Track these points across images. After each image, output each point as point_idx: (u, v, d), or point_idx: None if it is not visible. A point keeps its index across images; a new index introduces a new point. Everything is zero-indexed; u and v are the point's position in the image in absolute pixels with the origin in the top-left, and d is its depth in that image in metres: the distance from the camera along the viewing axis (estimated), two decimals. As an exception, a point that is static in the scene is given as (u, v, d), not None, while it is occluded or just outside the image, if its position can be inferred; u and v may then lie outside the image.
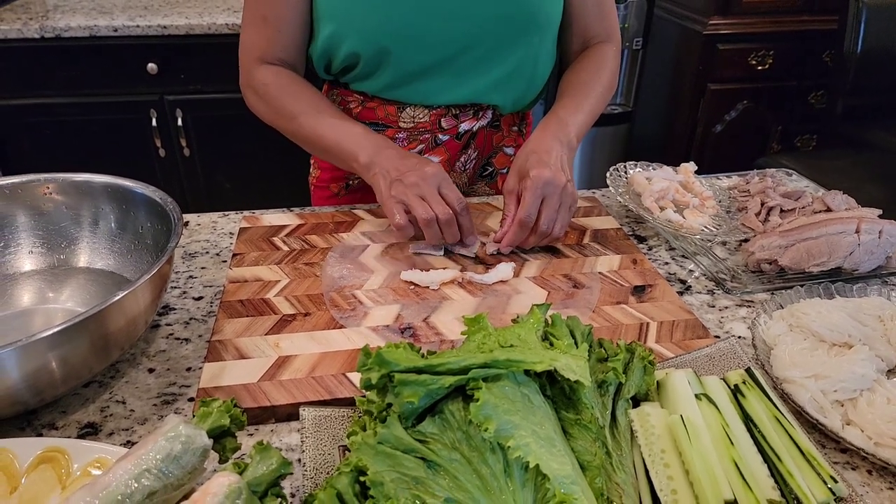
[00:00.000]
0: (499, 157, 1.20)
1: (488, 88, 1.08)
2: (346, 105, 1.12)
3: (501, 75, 1.07)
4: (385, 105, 1.09)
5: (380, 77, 1.05)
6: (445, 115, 1.10)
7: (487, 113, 1.13)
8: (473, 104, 1.10)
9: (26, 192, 0.85)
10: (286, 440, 0.66)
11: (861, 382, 0.67)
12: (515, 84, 1.10)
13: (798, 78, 2.60)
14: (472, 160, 1.17)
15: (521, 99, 1.13)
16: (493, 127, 1.16)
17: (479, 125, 1.13)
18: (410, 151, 1.02)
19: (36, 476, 0.57)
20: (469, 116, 1.11)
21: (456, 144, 1.13)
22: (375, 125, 1.10)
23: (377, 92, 1.08)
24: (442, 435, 0.51)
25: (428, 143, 1.12)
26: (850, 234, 0.90)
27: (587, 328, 0.65)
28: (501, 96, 1.10)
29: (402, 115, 1.09)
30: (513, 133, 1.20)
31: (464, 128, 1.12)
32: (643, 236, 1.04)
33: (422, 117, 1.09)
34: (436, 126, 1.11)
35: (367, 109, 1.10)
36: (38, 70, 2.12)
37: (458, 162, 1.16)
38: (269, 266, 0.91)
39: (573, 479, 0.49)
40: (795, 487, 0.55)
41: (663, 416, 0.60)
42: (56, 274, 0.86)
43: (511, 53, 1.05)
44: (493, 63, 1.05)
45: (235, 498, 0.47)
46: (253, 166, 2.38)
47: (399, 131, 1.11)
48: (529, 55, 1.07)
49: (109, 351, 0.68)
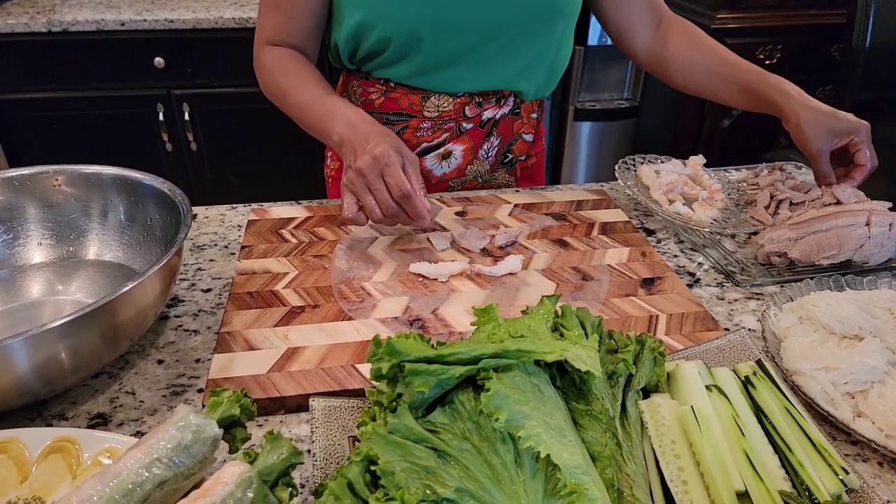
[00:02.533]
0: (518, 144, 1.20)
1: (512, 76, 1.08)
2: (368, 96, 1.11)
3: (525, 63, 1.08)
4: (409, 94, 1.09)
5: (408, 64, 1.05)
6: (469, 102, 1.10)
7: (509, 100, 1.13)
8: (496, 91, 1.11)
9: (35, 184, 0.85)
10: (296, 431, 0.66)
11: (872, 374, 0.67)
12: (538, 71, 1.11)
13: (806, 72, 2.58)
14: (494, 148, 1.17)
15: (543, 86, 1.14)
16: (514, 114, 1.16)
17: (502, 112, 1.13)
18: (393, 131, 1.02)
19: (46, 466, 0.57)
20: (492, 104, 1.12)
21: (479, 132, 1.13)
22: (399, 115, 1.11)
23: (402, 79, 1.08)
24: (452, 425, 0.50)
25: (452, 131, 1.12)
26: (861, 227, 0.90)
27: (597, 319, 0.64)
28: (525, 83, 1.11)
29: (427, 104, 1.09)
30: (531, 120, 1.20)
31: (487, 115, 1.12)
32: (652, 229, 1.04)
33: (446, 106, 1.09)
34: (460, 114, 1.11)
35: (389, 100, 1.10)
36: (46, 64, 2.13)
37: (482, 150, 1.16)
38: (278, 258, 0.91)
39: (584, 470, 0.49)
40: (807, 479, 0.55)
41: (674, 407, 0.59)
42: (65, 266, 0.86)
43: (535, 41, 1.06)
44: (518, 50, 1.06)
45: (246, 487, 0.47)
46: (260, 161, 2.39)
47: (424, 120, 1.10)
48: (552, 42, 1.08)
49: (119, 342, 0.68)
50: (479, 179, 1.20)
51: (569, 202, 1.09)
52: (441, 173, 1.16)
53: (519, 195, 1.11)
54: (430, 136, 1.12)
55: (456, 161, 1.14)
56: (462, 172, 1.17)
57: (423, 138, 1.12)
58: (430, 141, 1.12)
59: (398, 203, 0.86)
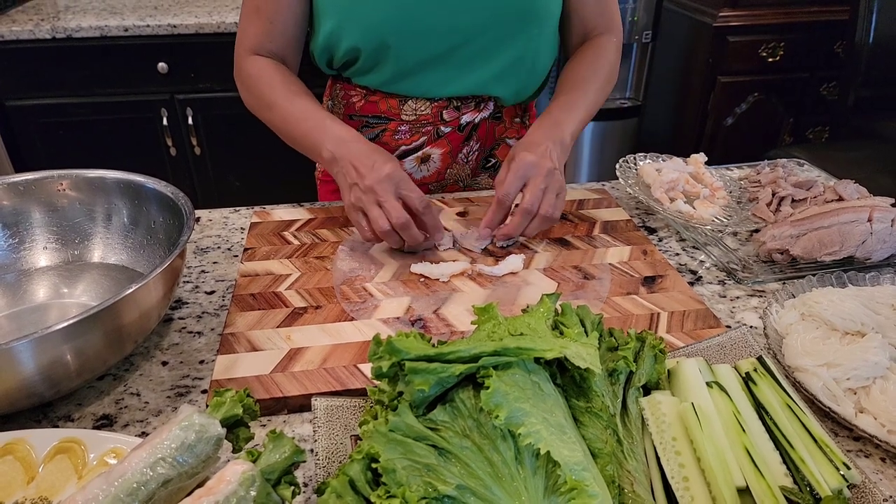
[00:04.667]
0: (501, 149, 1.20)
1: (489, 80, 1.08)
2: (350, 99, 1.12)
3: (502, 67, 1.07)
4: (387, 98, 1.09)
5: (381, 71, 1.05)
6: (447, 107, 1.10)
7: (489, 105, 1.13)
8: (475, 96, 1.11)
9: (40, 189, 0.86)
10: (298, 431, 0.66)
11: (874, 370, 0.67)
12: (516, 76, 1.09)
13: (809, 69, 2.58)
14: (474, 152, 1.17)
15: (522, 90, 1.13)
16: (496, 119, 1.16)
17: (482, 117, 1.13)
18: (402, 145, 1.01)
19: (53, 466, 0.57)
20: (471, 108, 1.11)
21: (458, 136, 1.13)
22: (378, 118, 1.11)
23: (379, 86, 1.08)
24: (453, 423, 0.51)
25: (430, 135, 1.12)
26: (863, 223, 0.90)
27: (597, 317, 0.65)
28: (503, 88, 1.10)
29: (405, 107, 1.10)
30: (515, 124, 1.20)
31: (465, 119, 1.12)
32: (653, 227, 1.04)
33: (423, 110, 1.10)
34: (438, 118, 1.11)
35: (369, 103, 1.11)
36: (50, 70, 2.14)
37: (461, 154, 1.16)
38: (280, 260, 0.92)
39: (584, 466, 0.49)
40: (808, 474, 0.55)
41: (674, 404, 0.59)
42: (70, 269, 0.87)
43: (511, 45, 1.05)
44: (493, 55, 1.05)
45: (249, 485, 0.47)
46: (264, 165, 2.39)
47: (402, 124, 1.11)
48: (530, 47, 1.07)
49: (123, 344, 0.68)
50: (460, 184, 1.20)
51: (570, 201, 1.09)
52: (420, 177, 1.16)
53: (521, 195, 1.12)
54: (408, 139, 1.12)
55: (435, 165, 1.15)
56: (442, 176, 1.17)
57: (402, 141, 1.12)
58: (408, 144, 1.12)
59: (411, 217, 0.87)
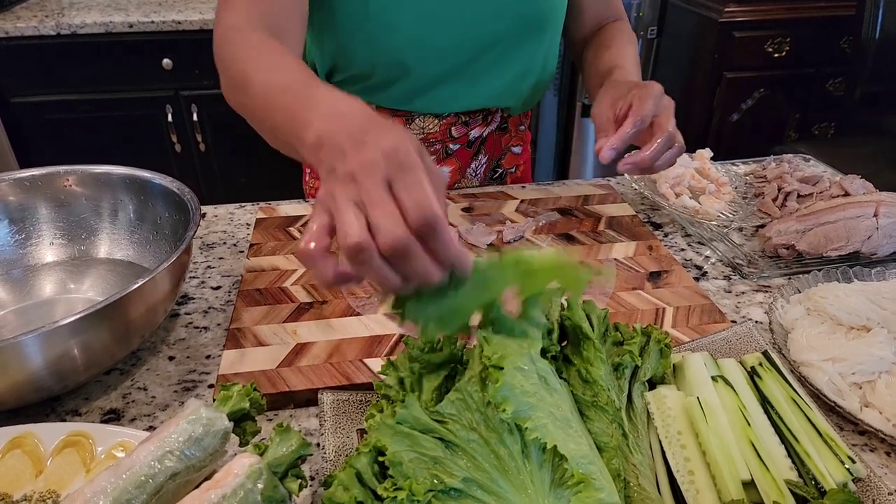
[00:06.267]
0: (507, 158, 1.20)
1: (500, 91, 1.07)
2: None
3: (513, 76, 1.06)
4: (393, 116, 1.06)
5: (393, 89, 1.02)
6: (455, 123, 1.09)
7: (496, 117, 1.12)
8: (483, 109, 1.09)
9: (47, 185, 0.86)
10: (305, 425, 0.67)
11: (879, 365, 0.67)
12: (526, 84, 1.09)
13: (815, 65, 2.57)
14: (482, 165, 1.17)
15: (530, 98, 1.13)
16: (501, 130, 1.15)
17: (489, 130, 1.12)
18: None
19: (61, 459, 0.58)
20: (479, 122, 1.10)
21: (467, 153, 1.13)
22: None
23: (388, 103, 1.05)
24: (460, 416, 0.51)
25: (439, 153, 1.11)
26: (869, 218, 0.90)
27: (603, 312, 0.65)
28: (513, 98, 1.09)
29: (412, 126, 1.07)
30: (519, 132, 1.20)
31: (474, 135, 1.11)
32: (659, 223, 1.04)
33: (432, 128, 1.08)
34: (446, 135, 1.09)
35: None
36: (55, 67, 2.15)
37: (469, 168, 1.15)
38: (286, 255, 0.92)
39: (590, 460, 0.49)
40: (813, 468, 0.55)
41: (680, 398, 0.60)
42: (77, 265, 0.87)
43: (522, 53, 1.04)
44: (505, 65, 1.04)
45: (256, 478, 0.48)
46: (269, 161, 2.38)
47: None
48: (539, 53, 1.07)
49: (130, 338, 0.69)
50: None
51: (575, 197, 1.09)
52: None
53: (525, 191, 1.12)
54: None
55: None
56: None
57: None
58: None
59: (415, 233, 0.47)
